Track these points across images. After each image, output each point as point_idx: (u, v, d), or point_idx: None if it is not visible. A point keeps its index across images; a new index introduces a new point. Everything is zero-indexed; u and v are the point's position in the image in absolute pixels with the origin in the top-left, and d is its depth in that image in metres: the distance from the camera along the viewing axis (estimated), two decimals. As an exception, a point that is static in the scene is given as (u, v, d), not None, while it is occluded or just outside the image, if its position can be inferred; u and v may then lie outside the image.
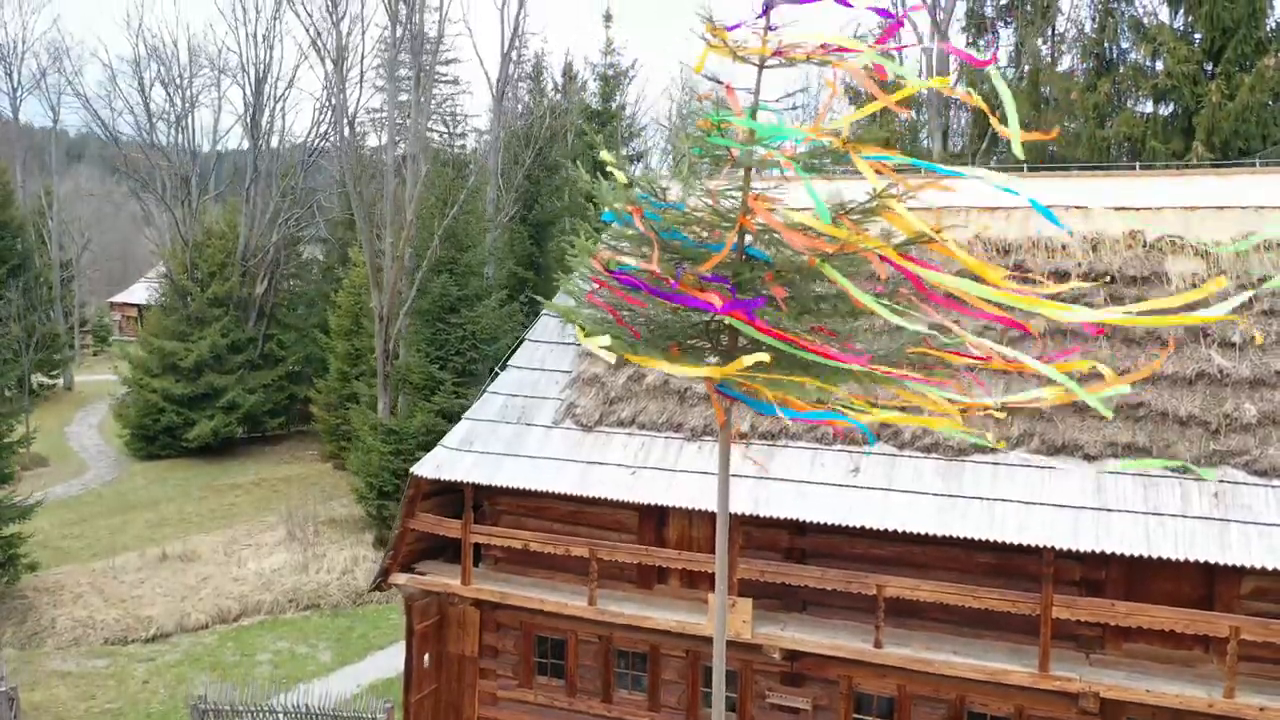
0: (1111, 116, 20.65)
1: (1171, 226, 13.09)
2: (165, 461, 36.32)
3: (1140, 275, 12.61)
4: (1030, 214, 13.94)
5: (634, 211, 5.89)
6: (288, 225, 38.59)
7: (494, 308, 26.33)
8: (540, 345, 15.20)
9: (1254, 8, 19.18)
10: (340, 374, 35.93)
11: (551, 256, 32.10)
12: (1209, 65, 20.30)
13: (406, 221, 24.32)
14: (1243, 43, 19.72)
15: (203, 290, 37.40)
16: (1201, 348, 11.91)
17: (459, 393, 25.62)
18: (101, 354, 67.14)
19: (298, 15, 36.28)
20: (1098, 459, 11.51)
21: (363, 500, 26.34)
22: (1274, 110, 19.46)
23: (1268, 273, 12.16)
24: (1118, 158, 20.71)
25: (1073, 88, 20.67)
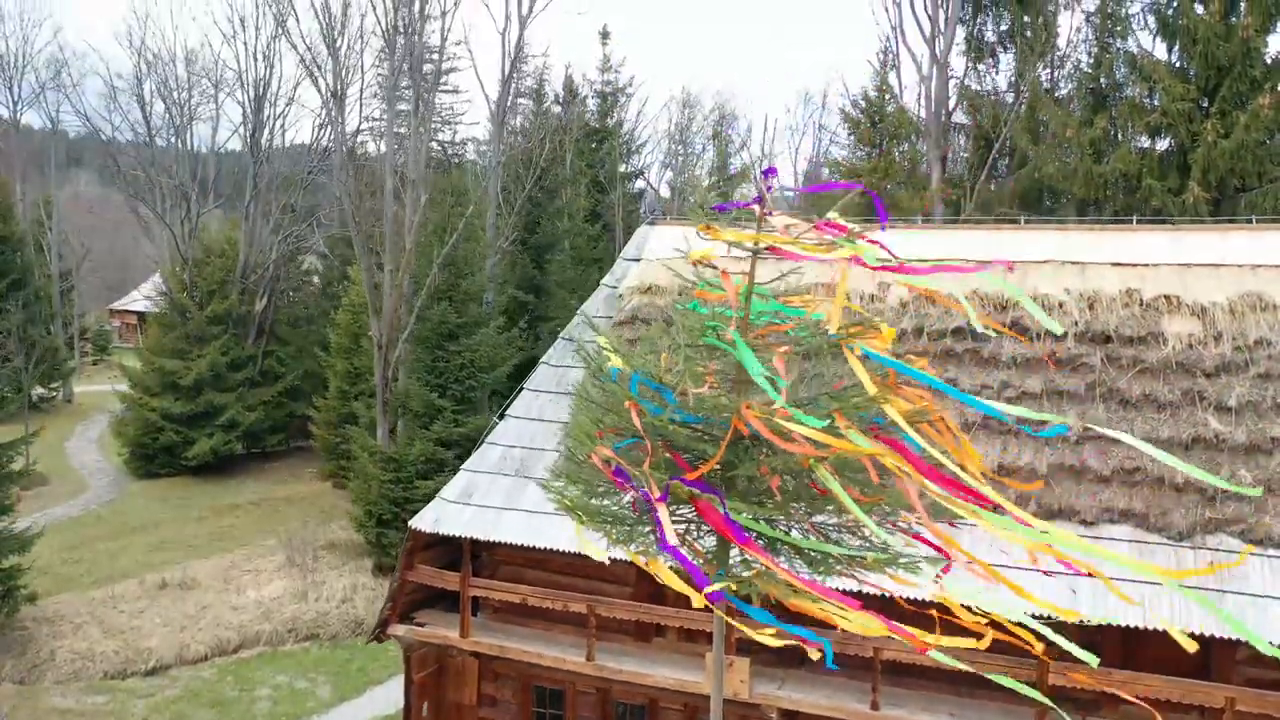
0: (1108, 152, 20.69)
1: (1168, 284, 13.13)
2: (165, 480, 36.34)
3: (1137, 335, 12.64)
4: (1028, 269, 14.01)
5: (632, 408, 5.91)
6: (287, 243, 38.58)
7: (494, 335, 26.35)
8: (539, 395, 15.24)
9: (1248, 47, 19.21)
10: (340, 393, 35.99)
11: (553, 280, 32.13)
12: (1204, 101, 20.35)
13: (406, 250, 24.34)
14: (1237, 80, 19.77)
15: (201, 309, 37.42)
16: (1198, 411, 11.95)
17: (458, 420, 25.68)
18: (101, 363, 67.18)
19: (295, 47, 36.09)
20: (1094, 525, 11.56)
21: (362, 529, 26.38)
22: (1270, 148, 19.51)
23: (1246, 333, 12.18)
24: (1114, 194, 20.75)
25: (1070, 124, 20.70)
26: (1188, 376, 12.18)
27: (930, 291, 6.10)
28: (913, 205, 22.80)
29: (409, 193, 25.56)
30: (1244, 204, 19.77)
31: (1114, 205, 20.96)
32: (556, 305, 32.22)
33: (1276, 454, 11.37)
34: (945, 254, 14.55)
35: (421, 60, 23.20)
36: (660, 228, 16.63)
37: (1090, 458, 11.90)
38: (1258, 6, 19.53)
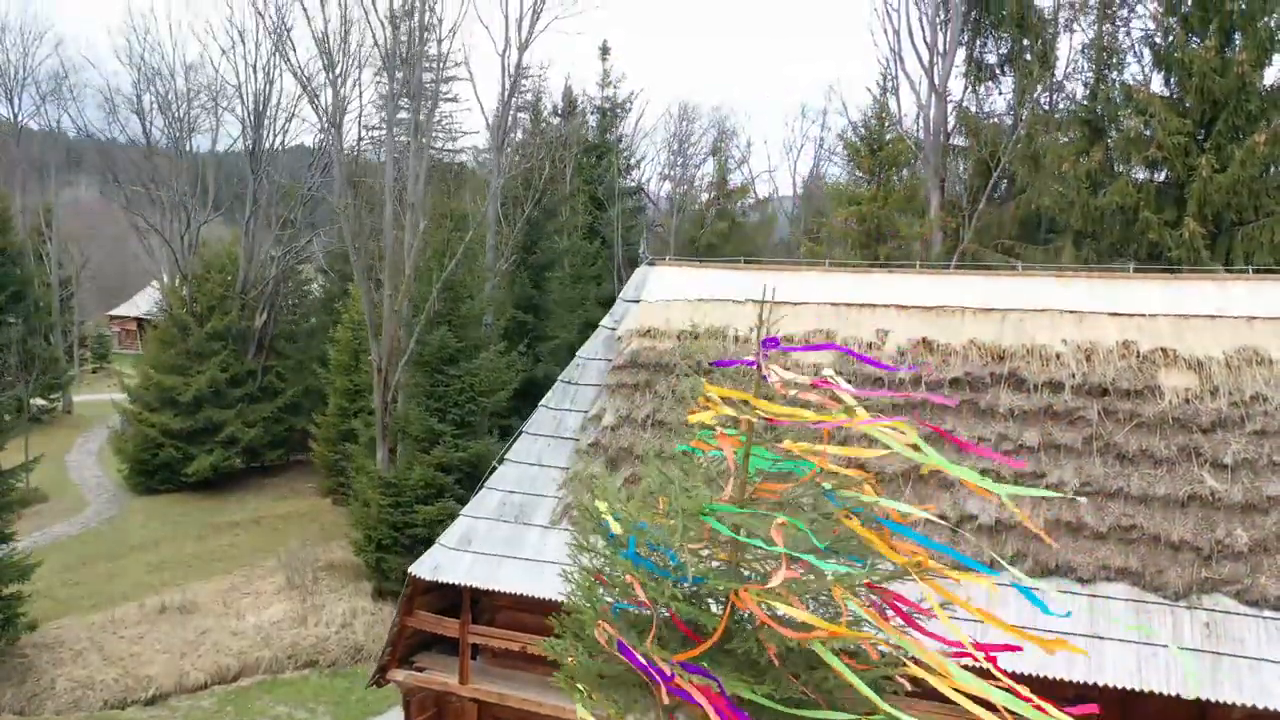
0: (1105, 184, 20.73)
1: (1165, 335, 13.18)
2: (164, 496, 36.37)
3: (1134, 389, 12.69)
4: (1025, 317, 14.06)
5: (633, 582, 5.95)
6: (288, 258, 38.62)
7: (493, 359, 26.39)
8: (538, 439, 15.28)
9: (1243, 82, 19.26)
10: (339, 409, 36.01)
11: (551, 299, 32.16)
12: (1200, 134, 20.40)
13: (405, 275, 24.38)
14: (1233, 114, 19.82)
15: (201, 324, 37.44)
16: (1194, 467, 12.00)
17: (458, 445, 25.70)
18: (101, 371, 67.23)
19: (294, 73, 35.92)
20: (1090, 582, 11.62)
21: (361, 553, 26.41)
22: (1266, 181, 19.56)
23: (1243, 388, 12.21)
24: (1111, 226, 20.79)
25: (1067, 156, 20.74)
26: (1184, 432, 12.23)
27: (945, 468, 6.08)
28: (912, 233, 22.86)
29: (408, 216, 25.61)
30: (1240, 237, 19.83)
31: (1110, 237, 21.01)
32: (555, 324, 32.28)
33: (1273, 513, 11.42)
34: (943, 300, 14.63)
35: (421, 89, 23.23)
36: (659, 268, 16.67)
37: (1087, 514, 11.96)
38: (1253, 40, 19.59)
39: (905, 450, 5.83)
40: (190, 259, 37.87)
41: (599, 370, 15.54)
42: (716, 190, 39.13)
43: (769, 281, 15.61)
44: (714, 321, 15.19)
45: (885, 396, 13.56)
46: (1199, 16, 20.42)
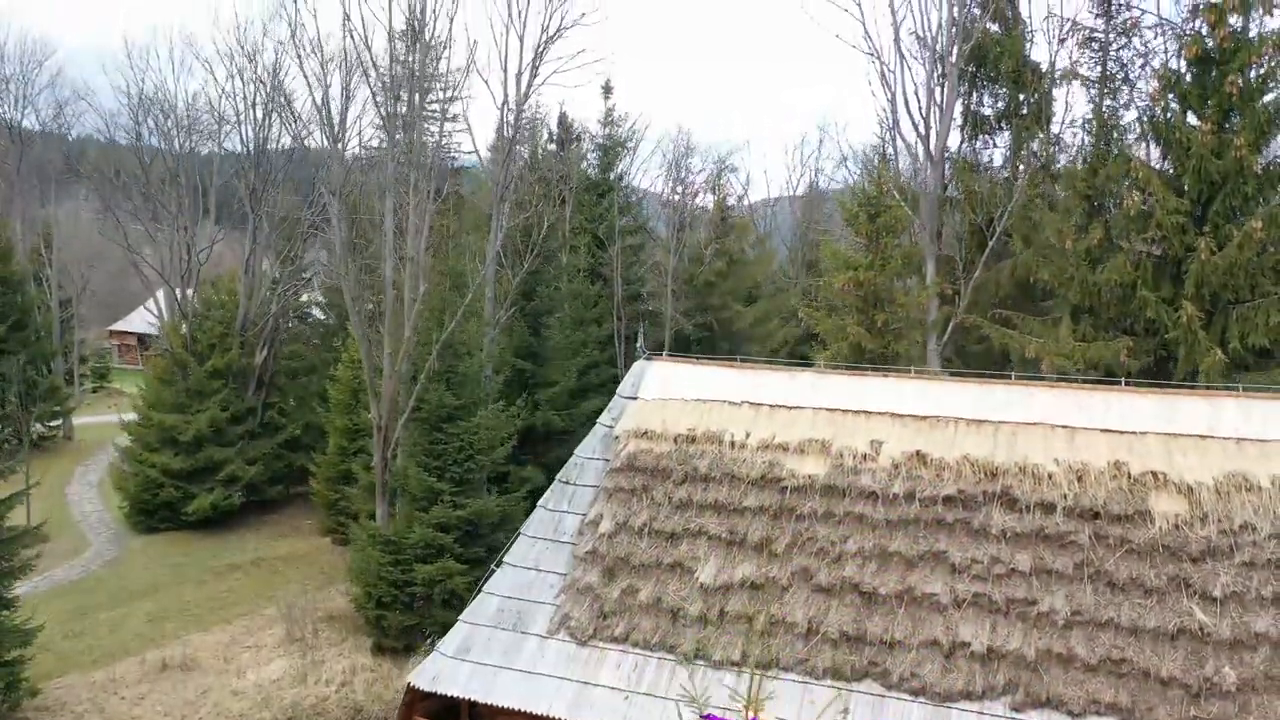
0: (1103, 260, 20.84)
1: (1155, 455, 13.30)
2: (165, 535, 36.52)
3: (1125, 513, 12.82)
4: (1017, 430, 14.19)
5: None
6: (287, 295, 38.76)
7: (492, 417, 26.51)
8: (536, 542, 15.41)
9: (1240, 165, 19.37)
10: (339, 449, 36.18)
11: (551, 345, 32.27)
12: (1198, 210, 20.51)
13: (405, 339, 24.51)
14: (1230, 196, 19.93)
15: (201, 363, 37.56)
16: (1184, 598, 12.14)
17: (456, 503, 25.84)
18: (101, 390, 67.36)
19: (295, 136, 35.95)
20: (1080, 716, 11.75)
21: (361, 609, 26.56)
22: (1262, 262, 19.66)
23: (1232, 515, 12.33)
24: (1109, 302, 20.90)
25: (1066, 233, 20.85)
26: (1174, 561, 12.37)
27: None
28: (909, 300, 22.98)
29: (408, 269, 25.74)
30: (1236, 317, 19.95)
31: (1109, 312, 21.13)
32: (554, 370, 32.40)
33: (1260, 650, 11.56)
34: (936, 409, 14.77)
35: (423, 151, 23.33)
36: (656, 363, 16.80)
37: (1078, 645, 12.10)
38: (1250, 122, 19.69)
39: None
40: (190, 298, 37.99)
41: (596, 471, 15.67)
42: (715, 228, 39.22)
43: (764, 383, 15.80)
44: (710, 425, 15.32)
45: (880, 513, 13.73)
46: (1197, 95, 20.53)
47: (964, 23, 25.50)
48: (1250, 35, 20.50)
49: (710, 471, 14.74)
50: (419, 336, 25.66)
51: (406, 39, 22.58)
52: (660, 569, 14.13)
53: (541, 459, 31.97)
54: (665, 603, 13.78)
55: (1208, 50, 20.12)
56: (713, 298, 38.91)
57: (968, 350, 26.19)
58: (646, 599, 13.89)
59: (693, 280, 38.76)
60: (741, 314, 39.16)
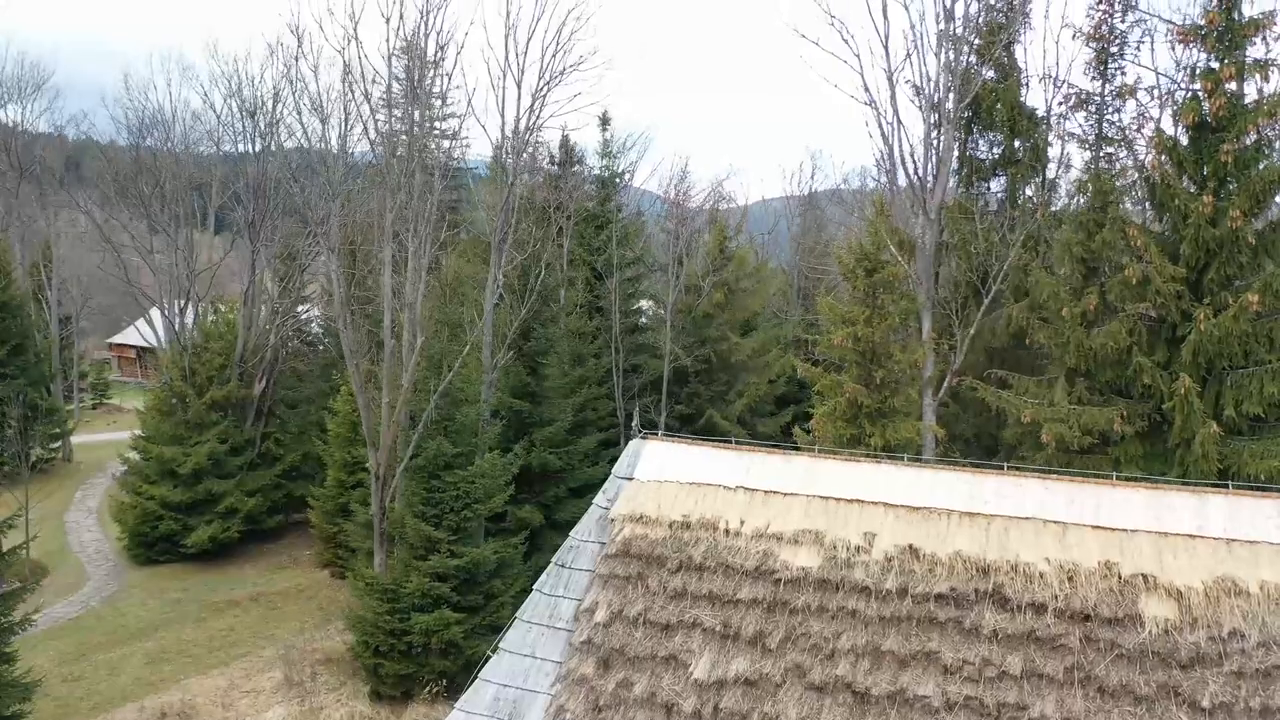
0: (1098, 324, 20.93)
1: (1145, 555, 13.35)
2: (163, 567, 36.70)
3: (1115, 616, 12.87)
4: (1009, 526, 14.25)
5: None
6: (287, 327, 38.84)
7: (489, 466, 26.61)
8: (532, 628, 15.43)
9: (1236, 235, 19.46)
10: (337, 482, 36.32)
11: (548, 385, 32.37)
12: (1194, 276, 20.58)
13: (404, 389, 24.61)
14: (1225, 264, 20.02)
15: (200, 396, 37.67)
16: (1172, 706, 12.20)
17: (454, 551, 25.95)
18: (101, 407, 67.52)
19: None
20: (1069, 829, 11.83)
21: (358, 656, 26.67)
22: (1257, 330, 19.73)
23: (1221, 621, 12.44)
24: (1104, 367, 20.98)
25: (1063, 301, 20.94)
26: (1164, 667, 12.42)
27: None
28: (905, 358, 23.07)
29: (406, 315, 25.84)
30: (1230, 383, 20.03)
31: (1104, 375, 21.22)
32: (552, 409, 32.50)
33: (1248, 765, 11.63)
34: (929, 500, 14.81)
35: (427, 197, 23.39)
36: (651, 443, 16.82)
37: (1067, 754, 12.16)
38: (1245, 191, 19.76)
39: None
40: (191, 330, 38.09)
41: (592, 555, 15.71)
42: (714, 259, 39.29)
43: (759, 467, 15.84)
44: (705, 512, 15.38)
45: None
46: (1193, 161, 20.60)
47: (961, 72, 25.57)
48: (1247, 100, 20.59)
49: (705, 561, 14.78)
50: (417, 385, 25.75)
51: (405, 92, 22.66)
52: (655, 661, 14.17)
53: (539, 498, 32.13)
54: (659, 698, 13.82)
55: (1204, 116, 20.18)
56: (710, 329, 38.99)
57: (963, 397, 26.31)
58: (641, 693, 13.93)
59: (690, 311, 38.85)
60: (740, 345, 39.24)
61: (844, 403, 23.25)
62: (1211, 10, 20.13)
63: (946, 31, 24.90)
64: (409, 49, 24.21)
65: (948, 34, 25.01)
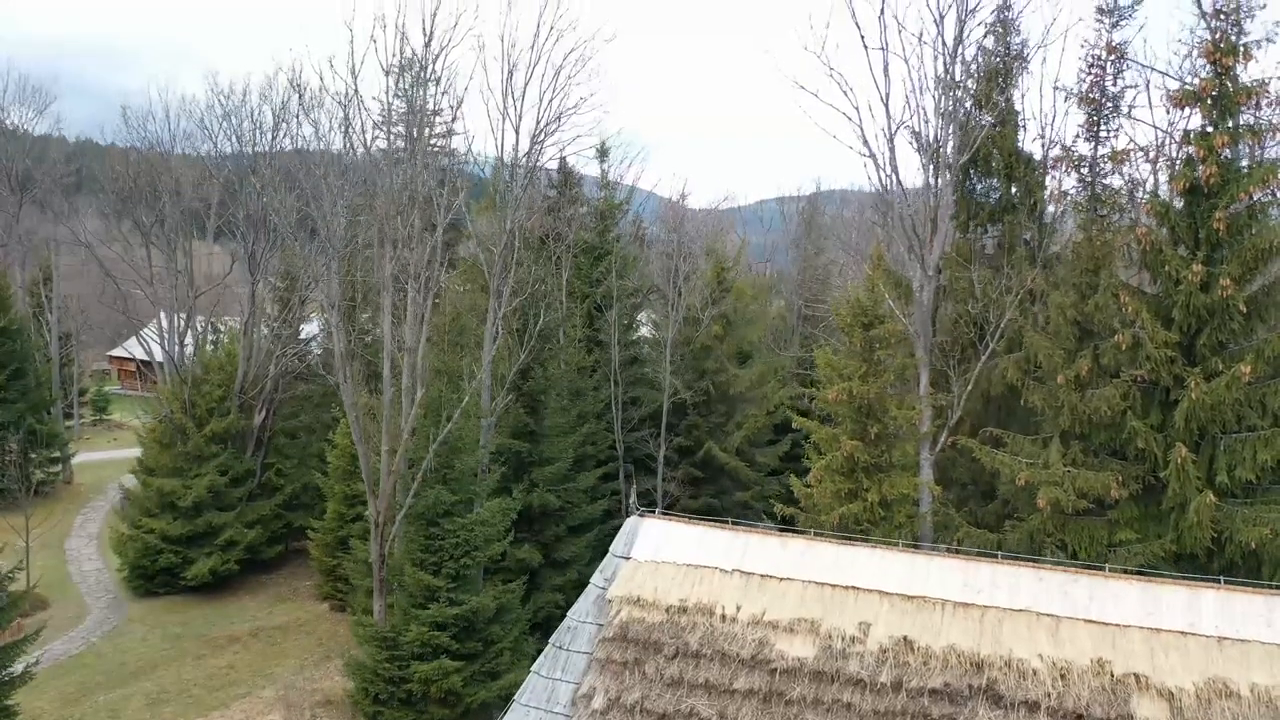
0: (1092, 386, 21.04)
1: (1137, 652, 13.52)
2: (164, 599, 36.83)
3: (1107, 716, 13.04)
4: (1003, 617, 14.41)
5: None
6: (286, 358, 38.97)
7: (488, 513, 26.74)
8: (531, 712, 15.60)
9: (1227, 304, 19.59)
10: (337, 515, 36.47)
11: (547, 424, 32.48)
12: (1187, 341, 20.71)
13: (403, 440, 24.74)
14: (1217, 330, 20.17)
15: (200, 428, 37.78)
16: (1162, 811, 12.38)
17: (453, 599, 26.09)
18: (100, 423, 67.62)
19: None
20: None
21: (358, 704, 26.81)
22: (1249, 396, 19.86)
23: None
24: (1097, 430, 21.13)
25: (1057, 363, 21.06)
26: (1155, 770, 12.59)
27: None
28: (902, 414, 23.19)
29: (406, 359, 25.98)
30: (1224, 448, 20.18)
31: (1098, 438, 21.35)
32: (551, 448, 32.61)
33: None
34: (924, 589, 14.98)
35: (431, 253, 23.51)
36: (648, 521, 17.00)
37: None
38: (1238, 257, 19.89)
39: None
40: (191, 363, 38.22)
41: (589, 636, 15.88)
42: (712, 291, 39.41)
43: (755, 549, 16.02)
44: (702, 596, 15.56)
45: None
46: (1186, 226, 20.71)
47: (960, 122, 25.66)
48: (1241, 165, 20.71)
49: (701, 648, 14.97)
50: (416, 432, 25.88)
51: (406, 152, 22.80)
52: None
53: (539, 536, 32.26)
54: (655, 790, 14.00)
55: (1197, 181, 20.29)
56: (709, 361, 39.10)
57: (960, 452, 26.42)
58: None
59: (690, 343, 38.96)
60: (738, 377, 39.36)
61: (840, 457, 23.35)
62: (1206, 77, 20.24)
63: (946, 82, 24.98)
64: (410, 105, 24.35)
65: (948, 84, 25.08)
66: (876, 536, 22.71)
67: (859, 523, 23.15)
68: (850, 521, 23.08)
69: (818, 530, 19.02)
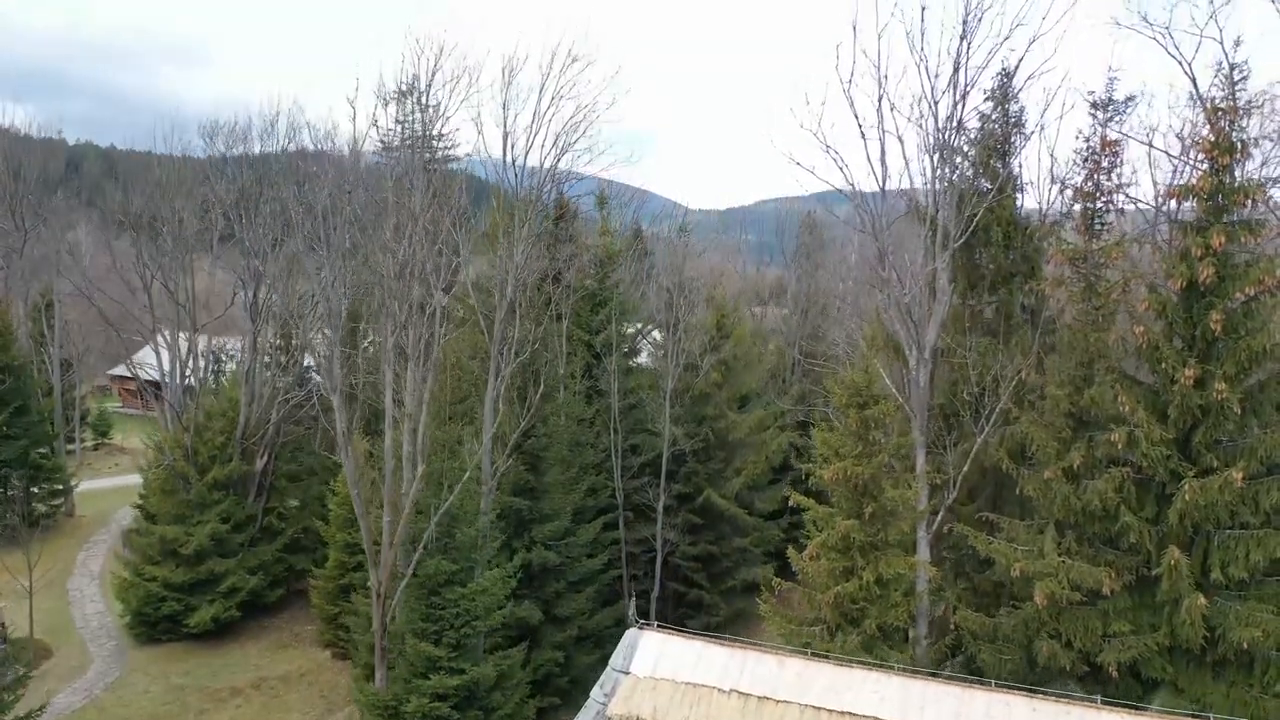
0: (1086, 477, 21.24)
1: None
2: (166, 647, 37.03)
3: None
4: (997, 751, 14.63)
5: None
6: (287, 405, 39.17)
7: (488, 582, 26.93)
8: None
9: (1221, 405, 19.78)
10: (338, 564, 36.68)
11: (547, 481, 32.66)
12: (1182, 436, 20.89)
13: (404, 513, 24.95)
14: (1211, 429, 20.36)
15: (202, 475, 37.98)
16: None
17: (453, 669, 26.30)
18: (102, 447, 67.83)
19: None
20: None
21: (360, 772, 27.04)
22: (1242, 494, 20.04)
23: None
24: (1091, 522, 21.32)
25: (1050, 455, 21.26)
26: None
27: None
28: (898, 495, 23.38)
29: (407, 424, 26.18)
30: (1217, 543, 20.37)
31: (1092, 528, 21.54)
32: (551, 504, 32.81)
33: None
34: (917, 718, 15.21)
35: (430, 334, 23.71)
36: (648, 634, 17.23)
37: None
38: (1233, 356, 20.05)
39: None
40: (195, 411, 38.41)
41: (588, 755, 16.11)
42: (711, 338, 39.56)
43: (752, 668, 16.24)
44: (700, 718, 15.75)
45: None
46: (1184, 321, 20.88)
47: (954, 197, 25.81)
48: (1238, 259, 20.86)
49: (699, 775, 15.19)
50: (417, 503, 26.08)
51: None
52: None
53: (539, 593, 32.45)
54: None
55: (1195, 279, 20.45)
56: (708, 408, 39.27)
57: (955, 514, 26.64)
58: None
59: (689, 390, 39.12)
60: (737, 423, 39.55)
61: (836, 536, 23.54)
62: (1203, 175, 20.40)
63: (943, 154, 25.12)
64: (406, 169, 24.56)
65: (944, 154, 25.22)
66: (873, 615, 22.99)
67: (855, 601, 23.34)
68: (846, 600, 23.28)
69: (811, 643, 19.20)
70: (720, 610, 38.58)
